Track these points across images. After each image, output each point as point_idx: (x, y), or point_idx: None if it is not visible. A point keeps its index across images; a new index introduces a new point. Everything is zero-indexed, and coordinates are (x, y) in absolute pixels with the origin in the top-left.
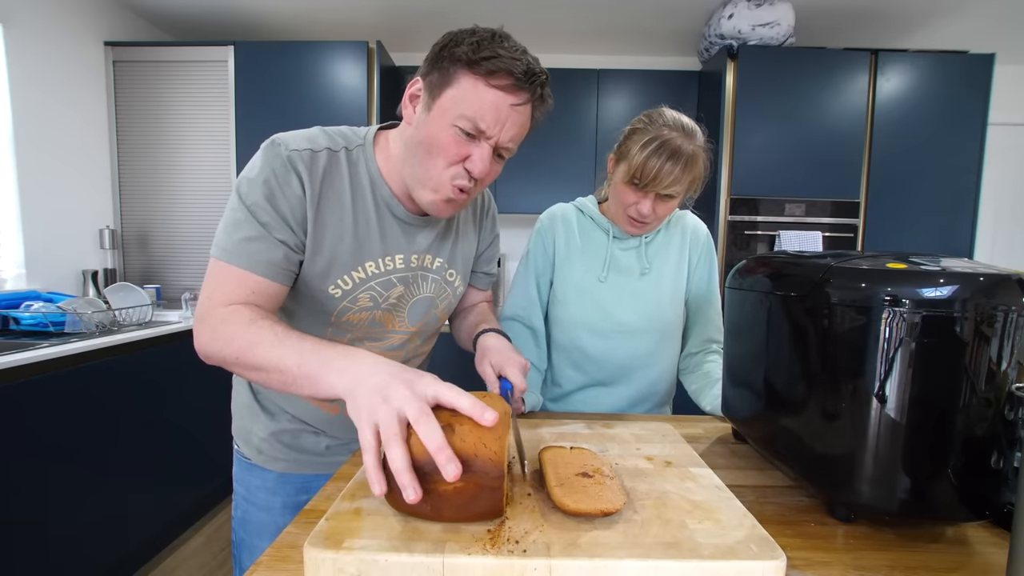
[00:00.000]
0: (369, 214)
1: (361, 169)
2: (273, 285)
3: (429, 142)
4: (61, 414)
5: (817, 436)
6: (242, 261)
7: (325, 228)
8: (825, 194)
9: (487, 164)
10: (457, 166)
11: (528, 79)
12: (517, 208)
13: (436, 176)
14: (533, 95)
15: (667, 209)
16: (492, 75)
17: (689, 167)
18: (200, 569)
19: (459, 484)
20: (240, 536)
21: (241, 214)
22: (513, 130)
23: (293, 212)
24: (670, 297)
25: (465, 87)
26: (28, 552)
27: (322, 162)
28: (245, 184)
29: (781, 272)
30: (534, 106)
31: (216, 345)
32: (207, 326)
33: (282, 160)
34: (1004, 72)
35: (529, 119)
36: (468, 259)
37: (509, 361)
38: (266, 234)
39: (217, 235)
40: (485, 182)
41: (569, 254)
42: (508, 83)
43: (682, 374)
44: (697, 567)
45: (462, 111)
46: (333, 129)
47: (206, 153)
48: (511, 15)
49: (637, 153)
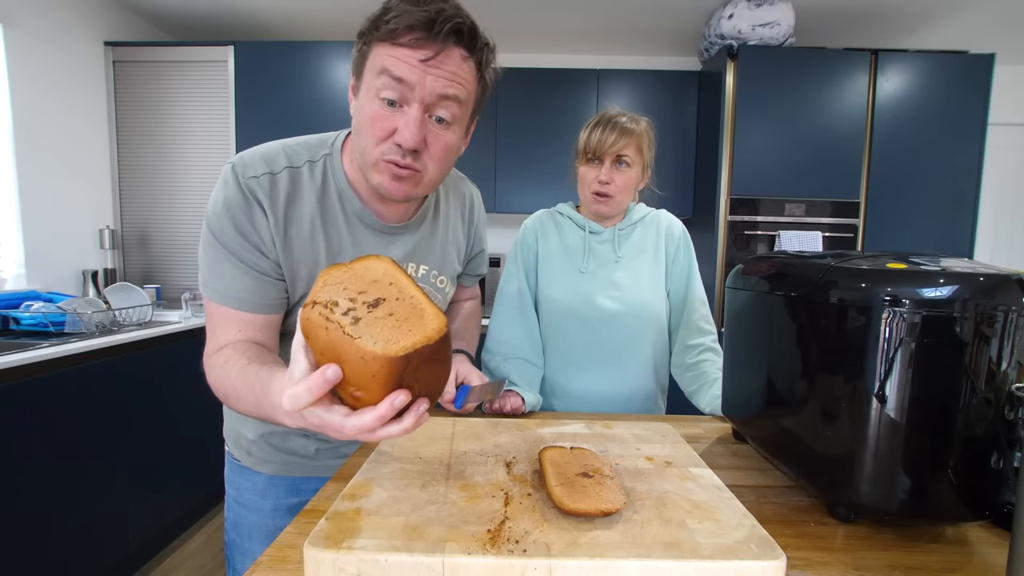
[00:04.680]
0: (340, 229)
1: (329, 182)
2: (261, 318)
3: (358, 123)
4: (61, 414)
5: (817, 436)
6: (228, 300)
7: (296, 252)
8: (825, 194)
9: (415, 131)
10: (386, 142)
11: (434, 27)
12: (516, 208)
13: (371, 154)
14: (445, 43)
15: (625, 179)
16: (394, 35)
17: (629, 132)
18: (200, 569)
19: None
20: (232, 538)
21: (218, 250)
22: (436, 85)
23: (264, 241)
24: (649, 285)
25: (376, 57)
26: (29, 552)
27: (283, 185)
28: (213, 218)
29: (781, 272)
30: (459, 58)
31: (216, 391)
32: (208, 372)
33: (241, 191)
34: (1004, 72)
35: (459, 70)
36: (457, 261)
37: (472, 372)
38: (247, 268)
39: (200, 270)
40: (435, 154)
41: (550, 252)
42: (413, 38)
43: (676, 372)
44: (697, 567)
45: (376, 74)
46: (295, 141)
47: (206, 153)
48: (511, 15)
49: (583, 134)
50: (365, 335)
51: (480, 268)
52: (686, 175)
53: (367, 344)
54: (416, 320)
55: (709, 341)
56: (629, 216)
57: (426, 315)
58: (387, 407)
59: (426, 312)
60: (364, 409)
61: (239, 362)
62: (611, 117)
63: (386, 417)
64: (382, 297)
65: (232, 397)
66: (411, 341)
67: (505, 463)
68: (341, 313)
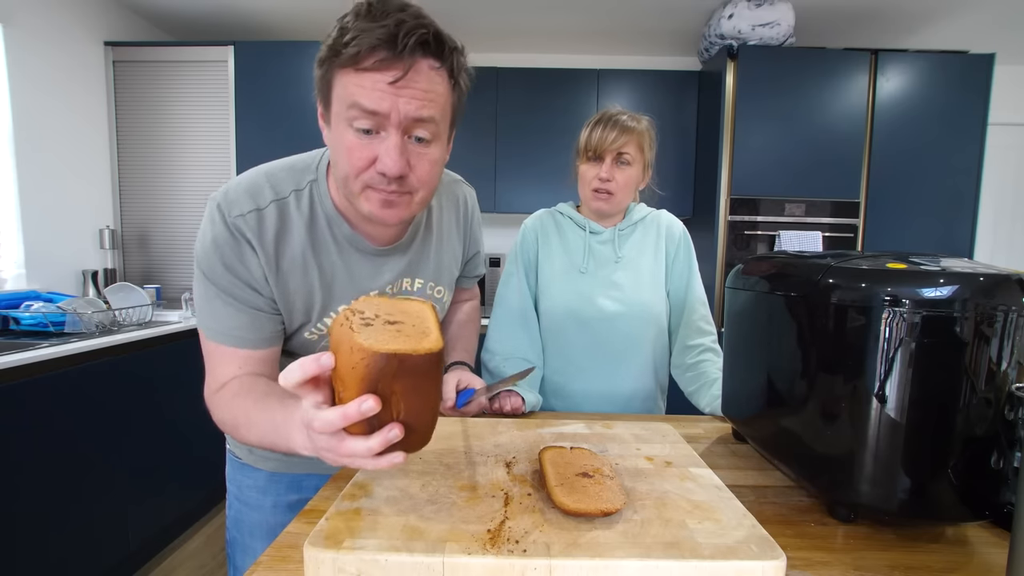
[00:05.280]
0: (332, 257)
1: (317, 210)
2: (261, 352)
3: (335, 154)
4: (61, 414)
5: (817, 436)
6: (226, 339)
7: (290, 285)
8: (825, 194)
9: (396, 158)
10: (368, 171)
11: (398, 43)
12: (516, 208)
13: (353, 184)
14: (412, 57)
15: (626, 177)
16: (357, 60)
17: (630, 130)
18: (200, 569)
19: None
20: (233, 535)
21: (210, 289)
22: (410, 108)
23: (257, 278)
24: (649, 285)
25: (341, 85)
26: (28, 552)
27: (270, 220)
28: (203, 258)
29: (781, 272)
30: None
31: (224, 424)
32: (214, 408)
33: (229, 230)
34: (1004, 72)
35: (432, 85)
36: (454, 267)
37: (476, 379)
38: (241, 306)
39: (196, 309)
40: (421, 176)
41: (550, 252)
42: (376, 60)
43: (676, 372)
44: (697, 567)
45: (347, 108)
46: (279, 167)
47: (206, 153)
48: (511, 15)
49: (584, 133)
50: (365, 334)
51: (477, 269)
52: (686, 175)
53: (359, 338)
54: (416, 338)
55: (709, 341)
56: (629, 216)
57: (427, 336)
58: (354, 407)
59: (429, 335)
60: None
61: (251, 395)
62: (612, 115)
63: (351, 417)
64: (402, 321)
65: (244, 427)
66: (397, 347)
67: (505, 463)
68: (359, 318)
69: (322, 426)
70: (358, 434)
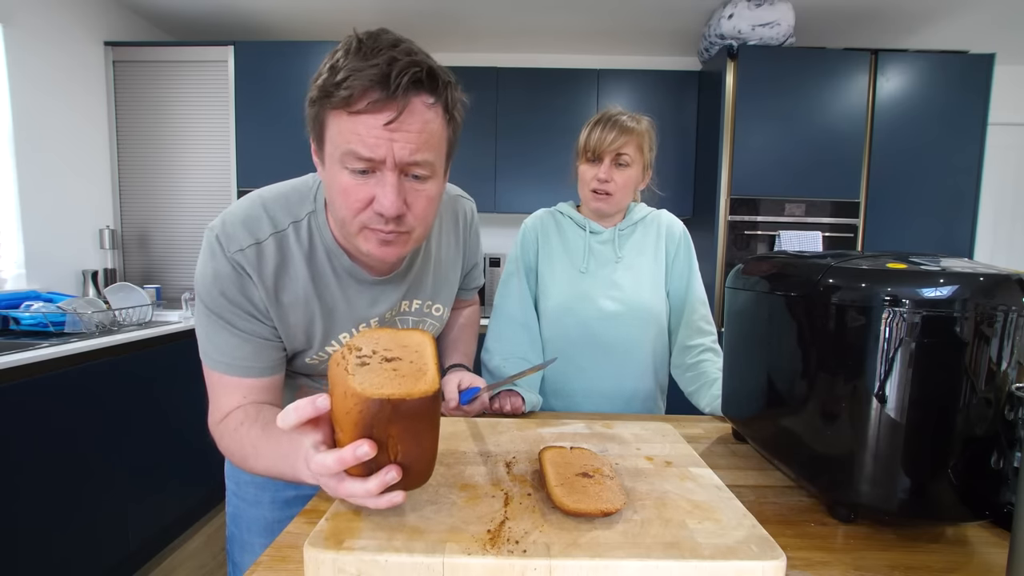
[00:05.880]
0: (332, 289)
1: (316, 242)
2: (265, 380)
3: (331, 194)
4: (61, 414)
5: (817, 436)
6: (230, 369)
7: (291, 318)
8: (825, 194)
9: (393, 199)
10: (366, 211)
11: (391, 83)
12: (516, 208)
13: (351, 224)
14: (406, 96)
15: (625, 177)
16: (350, 103)
17: (630, 131)
18: (200, 569)
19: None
20: (232, 531)
21: (213, 320)
22: (407, 148)
23: (258, 308)
24: (649, 285)
25: (335, 127)
26: (29, 552)
27: (270, 254)
28: (204, 291)
29: (781, 272)
30: (423, 107)
31: (231, 454)
32: (219, 437)
33: (229, 265)
34: (1004, 72)
35: (426, 123)
36: (455, 281)
37: (478, 379)
38: (244, 336)
39: (199, 339)
40: (419, 213)
41: (550, 252)
42: (369, 102)
43: (676, 372)
44: (697, 567)
45: (341, 154)
46: (275, 196)
47: (206, 153)
48: (511, 15)
49: (584, 133)
50: (360, 376)
51: (476, 281)
52: (686, 175)
53: (353, 382)
54: (412, 379)
55: (709, 341)
56: (629, 216)
57: (423, 376)
58: (350, 452)
59: (425, 374)
60: (331, 450)
61: (256, 424)
62: (612, 116)
63: (346, 461)
64: (400, 357)
65: (252, 457)
66: (392, 391)
67: (505, 463)
68: (355, 356)
69: (318, 469)
70: (357, 475)
